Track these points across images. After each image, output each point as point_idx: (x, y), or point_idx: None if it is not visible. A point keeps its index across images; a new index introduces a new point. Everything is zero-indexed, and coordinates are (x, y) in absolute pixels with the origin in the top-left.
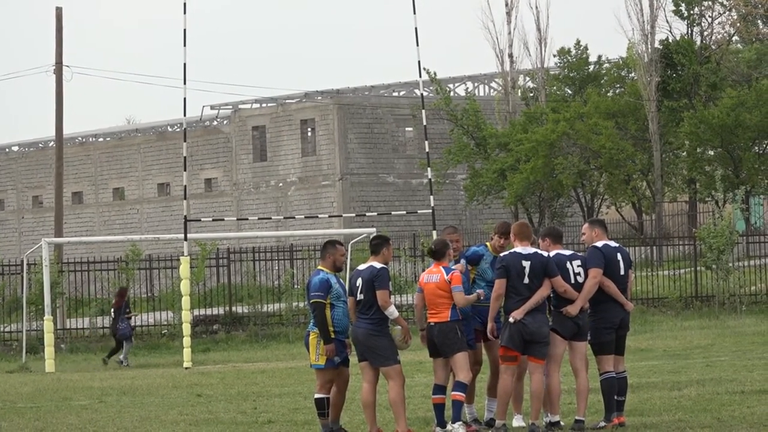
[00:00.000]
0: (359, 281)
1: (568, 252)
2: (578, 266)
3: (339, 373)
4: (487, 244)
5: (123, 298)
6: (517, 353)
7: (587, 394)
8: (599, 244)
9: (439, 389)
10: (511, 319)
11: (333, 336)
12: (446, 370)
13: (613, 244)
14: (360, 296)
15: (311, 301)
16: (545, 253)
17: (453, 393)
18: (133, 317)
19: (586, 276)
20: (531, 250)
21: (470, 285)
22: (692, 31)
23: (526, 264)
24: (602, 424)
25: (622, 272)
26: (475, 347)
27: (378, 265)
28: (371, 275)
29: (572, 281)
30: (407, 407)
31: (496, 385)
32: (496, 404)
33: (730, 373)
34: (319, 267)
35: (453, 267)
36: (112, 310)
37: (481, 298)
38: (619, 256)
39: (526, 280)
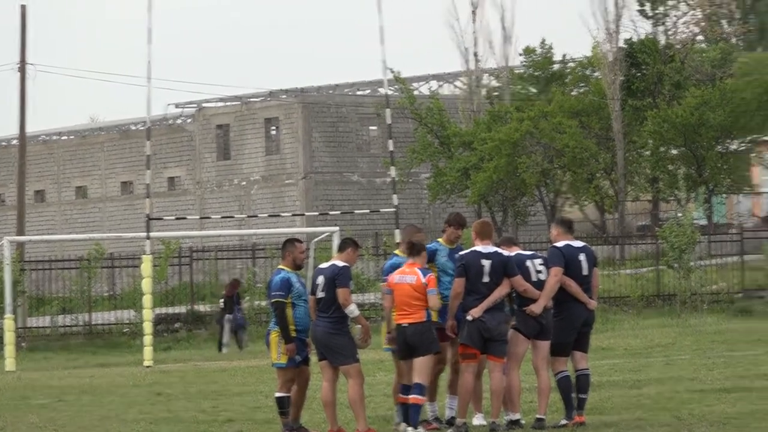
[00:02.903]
0: (320, 279)
1: (528, 252)
2: (540, 264)
3: (300, 371)
4: (439, 240)
5: (236, 288)
6: (476, 351)
7: (548, 393)
8: (560, 244)
9: (407, 389)
10: (469, 317)
11: (294, 335)
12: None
13: (576, 243)
14: (321, 294)
15: (272, 300)
16: (505, 252)
17: (412, 396)
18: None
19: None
20: (491, 249)
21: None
22: (657, 30)
23: (486, 263)
24: (563, 422)
25: (585, 272)
26: (439, 348)
27: (340, 263)
28: (333, 273)
29: (533, 279)
30: (368, 406)
31: (456, 382)
32: (457, 402)
33: (690, 371)
34: (280, 266)
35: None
36: (222, 300)
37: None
38: (581, 256)
39: (486, 279)
